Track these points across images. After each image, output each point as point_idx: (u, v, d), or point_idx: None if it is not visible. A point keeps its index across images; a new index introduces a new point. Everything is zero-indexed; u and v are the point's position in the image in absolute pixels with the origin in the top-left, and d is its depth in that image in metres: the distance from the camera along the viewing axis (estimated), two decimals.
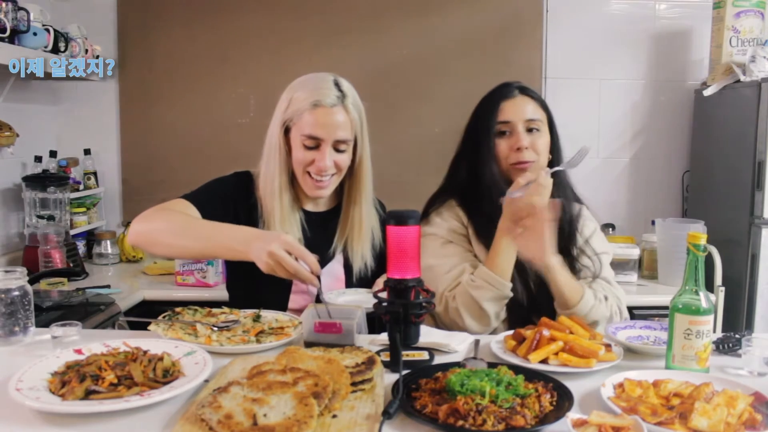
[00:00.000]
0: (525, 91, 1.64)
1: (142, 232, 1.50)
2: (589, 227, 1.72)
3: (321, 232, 1.64)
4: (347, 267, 1.65)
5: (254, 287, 1.58)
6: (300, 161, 1.54)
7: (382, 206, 1.75)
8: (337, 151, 1.54)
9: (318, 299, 1.61)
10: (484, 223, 1.61)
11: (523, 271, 1.59)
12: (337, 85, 1.54)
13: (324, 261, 1.64)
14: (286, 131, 1.55)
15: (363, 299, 1.49)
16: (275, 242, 1.30)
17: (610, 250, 1.76)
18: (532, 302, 1.59)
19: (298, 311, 1.58)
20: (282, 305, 1.59)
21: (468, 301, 1.53)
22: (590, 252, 1.66)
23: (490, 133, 1.61)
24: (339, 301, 1.48)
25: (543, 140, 1.62)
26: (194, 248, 1.46)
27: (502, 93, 1.64)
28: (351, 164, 1.59)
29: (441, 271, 1.58)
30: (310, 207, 1.66)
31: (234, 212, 1.59)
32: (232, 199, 1.60)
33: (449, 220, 1.66)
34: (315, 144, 1.52)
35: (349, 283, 1.64)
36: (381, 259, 1.64)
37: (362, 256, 1.64)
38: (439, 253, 1.61)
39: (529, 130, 1.61)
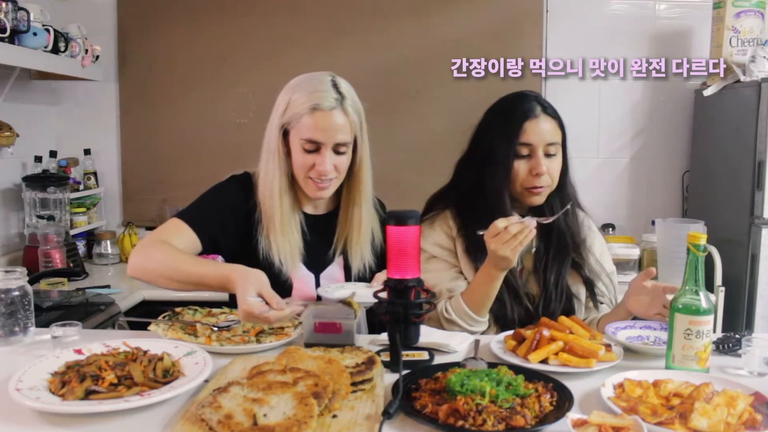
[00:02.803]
0: (546, 109, 1.59)
1: (139, 268, 1.49)
2: (596, 245, 1.69)
3: (321, 234, 1.63)
4: (347, 269, 1.64)
5: None
6: (300, 165, 1.52)
7: (382, 206, 1.74)
8: (337, 153, 1.52)
9: (318, 298, 1.60)
10: (476, 241, 1.55)
11: (518, 294, 1.57)
12: (335, 86, 1.51)
13: (323, 264, 1.63)
14: (285, 134, 1.54)
15: (361, 294, 1.49)
16: (248, 293, 1.31)
17: (613, 266, 1.74)
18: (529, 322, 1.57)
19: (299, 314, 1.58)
20: None
21: (438, 328, 1.51)
22: (604, 275, 1.64)
23: (510, 154, 1.56)
24: (336, 294, 1.47)
25: (557, 164, 1.59)
26: (188, 289, 1.48)
27: (525, 110, 1.57)
28: (351, 165, 1.58)
29: None
30: (309, 210, 1.65)
31: (234, 223, 1.58)
32: (228, 210, 1.58)
33: (438, 233, 1.64)
34: (315, 148, 1.50)
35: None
36: (382, 260, 1.64)
37: (362, 257, 1.63)
38: (422, 268, 1.59)
39: (548, 155, 1.57)
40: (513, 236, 1.40)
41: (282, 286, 1.55)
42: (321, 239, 1.63)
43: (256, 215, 1.57)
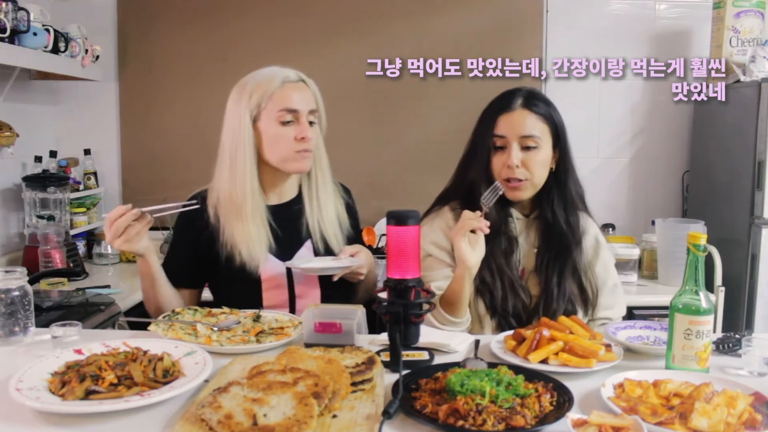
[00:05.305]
0: (528, 102, 1.58)
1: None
2: (602, 257, 1.66)
3: (287, 222, 1.66)
4: (316, 253, 1.67)
5: (228, 286, 1.64)
6: (282, 138, 1.58)
7: (346, 191, 1.79)
8: (310, 123, 1.60)
9: (293, 302, 1.63)
10: None
11: (514, 285, 1.57)
12: (287, 69, 1.62)
13: (292, 251, 1.66)
14: (254, 122, 1.59)
15: (328, 266, 1.54)
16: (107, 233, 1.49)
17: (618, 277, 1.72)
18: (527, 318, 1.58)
19: (274, 307, 1.61)
20: (256, 301, 1.61)
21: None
22: (594, 283, 1.62)
23: (485, 147, 1.59)
24: (304, 266, 1.54)
25: (540, 157, 1.57)
26: (159, 290, 1.61)
27: (502, 105, 1.60)
28: None
29: None
30: (274, 200, 1.68)
31: (198, 243, 1.65)
32: (191, 242, 1.67)
33: (436, 232, 1.63)
34: (292, 118, 1.58)
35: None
36: (351, 242, 1.70)
37: (334, 238, 1.67)
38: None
39: (525, 148, 1.57)
40: (462, 223, 1.44)
41: (249, 278, 1.59)
42: (288, 227, 1.65)
43: (212, 224, 1.63)
